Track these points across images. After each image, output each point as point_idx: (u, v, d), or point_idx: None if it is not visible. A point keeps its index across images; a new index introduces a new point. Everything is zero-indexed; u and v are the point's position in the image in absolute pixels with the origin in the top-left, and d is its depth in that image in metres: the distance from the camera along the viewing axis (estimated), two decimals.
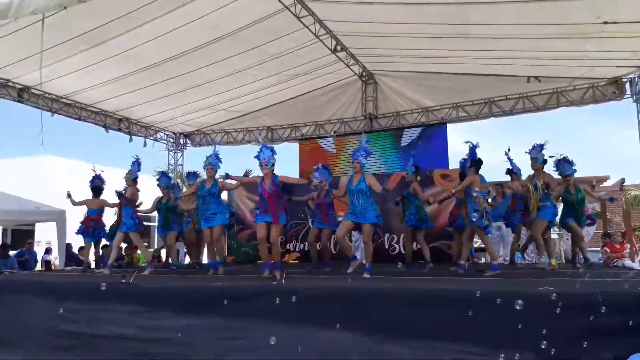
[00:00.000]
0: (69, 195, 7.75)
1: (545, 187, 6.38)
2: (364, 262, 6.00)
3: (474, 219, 6.02)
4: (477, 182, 6.11)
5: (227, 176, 6.48)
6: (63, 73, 9.52)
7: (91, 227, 7.87)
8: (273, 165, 5.87)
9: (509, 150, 7.15)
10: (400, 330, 3.93)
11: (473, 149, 6.60)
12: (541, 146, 6.56)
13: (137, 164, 7.46)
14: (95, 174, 8.12)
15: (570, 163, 6.71)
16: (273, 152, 5.92)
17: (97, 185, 8.05)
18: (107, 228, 8.19)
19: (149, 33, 8.52)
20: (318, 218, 7.52)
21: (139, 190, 7.38)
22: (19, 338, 5.36)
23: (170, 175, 9.56)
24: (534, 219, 6.64)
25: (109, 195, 7.93)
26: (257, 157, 5.90)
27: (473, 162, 6.36)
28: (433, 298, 4.02)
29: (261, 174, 5.93)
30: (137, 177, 7.41)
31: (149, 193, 7.98)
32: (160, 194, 8.16)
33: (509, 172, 7.53)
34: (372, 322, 4.00)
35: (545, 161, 6.58)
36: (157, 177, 8.46)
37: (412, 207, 7.27)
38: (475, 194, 6.02)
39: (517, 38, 8.66)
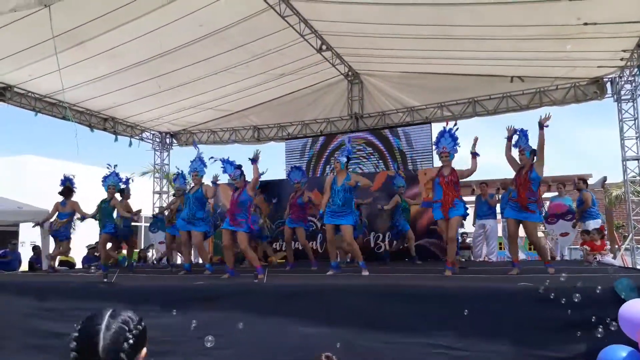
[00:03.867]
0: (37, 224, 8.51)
1: None
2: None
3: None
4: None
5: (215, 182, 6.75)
6: (46, 72, 9.41)
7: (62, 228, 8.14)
8: (241, 175, 6.09)
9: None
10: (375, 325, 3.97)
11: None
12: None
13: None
14: (66, 176, 8.37)
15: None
16: (234, 165, 6.15)
17: (67, 187, 8.25)
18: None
19: (134, 31, 8.45)
20: (290, 217, 7.81)
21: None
22: None
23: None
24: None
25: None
26: (225, 172, 6.25)
27: None
28: (409, 294, 4.06)
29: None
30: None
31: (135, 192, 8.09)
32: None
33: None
34: (348, 317, 4.03)
35: None
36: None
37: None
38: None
39: (500, 39, 8.74)
